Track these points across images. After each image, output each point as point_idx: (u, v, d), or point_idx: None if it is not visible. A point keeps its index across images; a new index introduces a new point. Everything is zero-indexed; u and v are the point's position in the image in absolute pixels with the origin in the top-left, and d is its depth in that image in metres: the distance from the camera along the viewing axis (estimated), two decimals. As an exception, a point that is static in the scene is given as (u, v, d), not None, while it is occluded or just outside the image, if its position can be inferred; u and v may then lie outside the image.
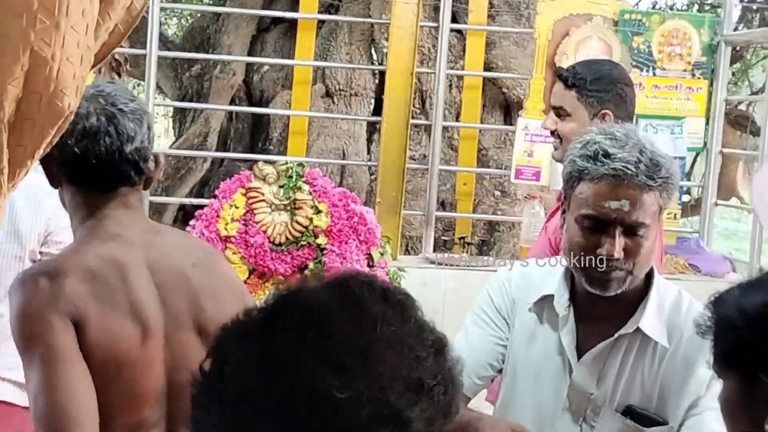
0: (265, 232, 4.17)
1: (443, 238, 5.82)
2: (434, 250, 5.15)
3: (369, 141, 6.06)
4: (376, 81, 5.89)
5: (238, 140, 6.24)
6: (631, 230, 2.11)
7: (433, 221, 5.01)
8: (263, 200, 4.21)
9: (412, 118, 5.91)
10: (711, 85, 5.06)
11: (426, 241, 4.97)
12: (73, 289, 2.01)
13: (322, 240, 4.15)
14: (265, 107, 6.10)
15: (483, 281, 4.29)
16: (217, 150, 6.10)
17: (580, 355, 2.25)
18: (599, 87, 3.13)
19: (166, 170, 6.02)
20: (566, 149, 3.11)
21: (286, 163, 4.28)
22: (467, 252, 4.81)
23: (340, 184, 5.94)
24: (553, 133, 3.22)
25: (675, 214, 5.07)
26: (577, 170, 2.16)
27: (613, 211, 2.10)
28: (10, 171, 1.94)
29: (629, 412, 2.19)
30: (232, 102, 6.19)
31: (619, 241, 2.10)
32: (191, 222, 4.25)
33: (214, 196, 4.26)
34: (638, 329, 2.18)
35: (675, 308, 2.20)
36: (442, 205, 5.92)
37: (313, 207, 4.19)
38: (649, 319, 2.17)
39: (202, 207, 4.32)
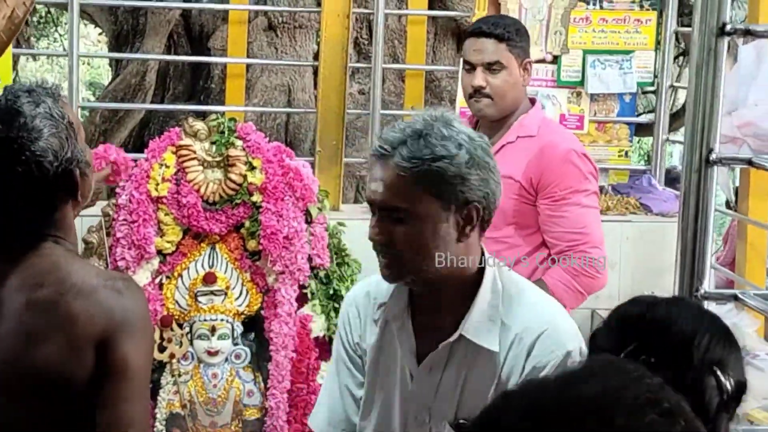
0: (198, 191, 4.01)
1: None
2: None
3: (316, 74, 5.84)
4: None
5: (179, 78, 6.00)
6: (390, 214, 2.02)
7: (376, 168, 4.86)
8: (195, 158, 4.04)
9: (360, 50, 5.72)
10: (660, 16, 4.88)
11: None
12: None
13: (257, 197, 4.00)
14: (204, 42, 5.86)
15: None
16: (156, 88, 5.86)
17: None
18: (522, 38, 3.32)
19: (104, 113, 5.81)
20: (499, 104, 3.10)
21: (217, 117, 4.10)
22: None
23: (287, 122, 5.76)
24: (479, 91, 3.25)
25: (626, 152, 4.94)
26: None
27: (372, 192, 2.05)
28: None
29: (458, 426, 2.08)
30: (170, 38, 5.94)
31: (379, 225, 2.05)
32: (120, 183, 4.07)
33: (150, 147, 4.08)
34: (462, 336, 2.07)
35: (510, 306, 2.09)
36: (392, 140, 5.76)
37: (247, 163, 4.03)
38: (475, 323, 2.06)
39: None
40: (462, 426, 2.03)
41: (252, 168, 4.02)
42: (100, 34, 8.87)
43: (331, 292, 4.06)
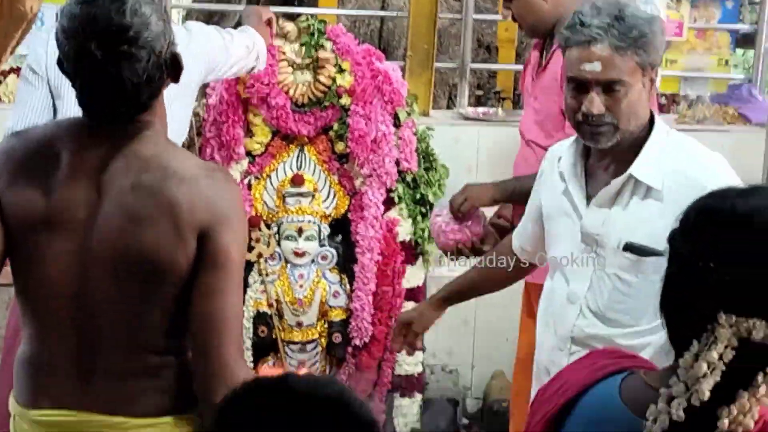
0: (287, 92, 4.01)
1: (487, 85, 5.61)
2: (477, 104, 4.97)
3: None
4: None
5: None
6: (609, 88, 2.43)
7: (468, 74, 4.78)
8: (284, 59, 4.03)
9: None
10: None
11: (460, 95, 4.75)
12: (11, 149, 2.10)
13: (345, 100, 3.98)
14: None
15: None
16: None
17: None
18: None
19: (198, 17, 5.83)
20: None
21: (307, 19, 4.07)
22: (502, 107, 4.61)
23: (381, 29, 5.72)
24: None
25: (726, 60, 4.79)
26: (563, 39, 2.52)
27: (588, 73, 2.43)
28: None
29: (628, 247, 2.47)
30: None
31: (598, 99, 2.44)
32: (210, 84, 4.09)
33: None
34: (632, 175, 2.47)
35: (676, 152, 2.48)
36: (487, 49, 5.68)
37: (336, 65, 4.01)
38: (642, 165, 2.46)
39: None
40: (633, 246, 2.45)
41: (341, 70, 4.00)
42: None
43: (418, 196, 4.05)
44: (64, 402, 2.10)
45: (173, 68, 2.08)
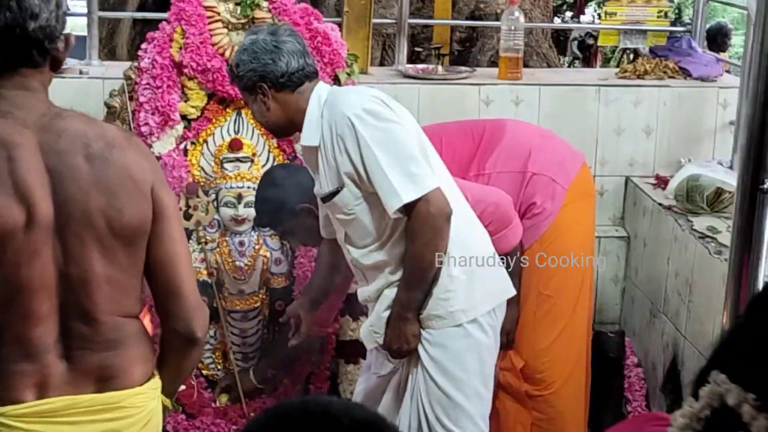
0: (222, 54, 3.88)
1: (422, 35, 5.50)
2: (412, 61, 4.86)
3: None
4: None
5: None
6: None
7: (407, 30, 4.66)
8: (219, 20, 3.90)
9: None
10: None
11: (399, 52, 4.64)
12: None
13: (284, 62, 3.85)
14: None
15: (460, 95, 4.11)
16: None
17: None
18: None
19: None
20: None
21: (242, -22, 3.93)
22: (442, 64, 4.51)
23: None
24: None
25: (665, 12, 4.74)
26: None
27: None
28: None
29: (322, 198, 3.05)
30: None
31: None
32: (143, 46, 3.94)
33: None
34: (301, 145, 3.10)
35: (329, 107, 2.91)
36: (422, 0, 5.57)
37: (273, 26, 3.88)
38: (305, 132, 3.01)
39: (158, 21, 4.03)
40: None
41: (278, 31, 3.87)
42: None
43: (360, 159, 3.96)
44: (50, 389, 2.10)
45: (65, 46, 2.08)
